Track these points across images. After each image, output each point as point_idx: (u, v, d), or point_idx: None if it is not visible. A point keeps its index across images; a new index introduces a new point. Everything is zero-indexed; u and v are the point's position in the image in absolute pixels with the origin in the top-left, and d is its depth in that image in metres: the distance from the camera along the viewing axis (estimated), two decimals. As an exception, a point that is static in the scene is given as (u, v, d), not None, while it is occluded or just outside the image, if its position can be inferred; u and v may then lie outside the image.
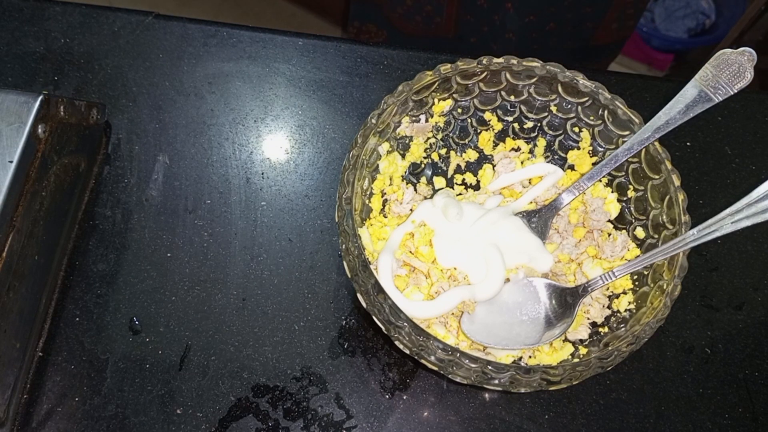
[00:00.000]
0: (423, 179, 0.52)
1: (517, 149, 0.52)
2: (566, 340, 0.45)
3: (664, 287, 0.41)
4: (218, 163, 0.54)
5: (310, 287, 0.50)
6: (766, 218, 0.38)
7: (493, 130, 0.51)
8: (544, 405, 0.47)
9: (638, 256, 0.45)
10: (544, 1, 0.80)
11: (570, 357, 0.44)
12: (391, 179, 0.49)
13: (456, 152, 0.52)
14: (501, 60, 0.47)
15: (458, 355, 0.37)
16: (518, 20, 0.82)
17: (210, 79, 0.58)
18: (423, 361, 0.39)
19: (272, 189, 0.54)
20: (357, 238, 0.40)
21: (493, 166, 0.52)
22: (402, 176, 0.50)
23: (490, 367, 0.37)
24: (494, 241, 0.46)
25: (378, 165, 0.48)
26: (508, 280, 0.46)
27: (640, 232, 0.47)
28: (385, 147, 0.48)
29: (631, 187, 0.48)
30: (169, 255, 0.50)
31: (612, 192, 0.49)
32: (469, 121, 0.51)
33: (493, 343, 0.43)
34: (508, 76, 0.48)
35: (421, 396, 0.47)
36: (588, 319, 0.46)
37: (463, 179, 0.52)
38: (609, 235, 0.49)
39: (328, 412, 0.46)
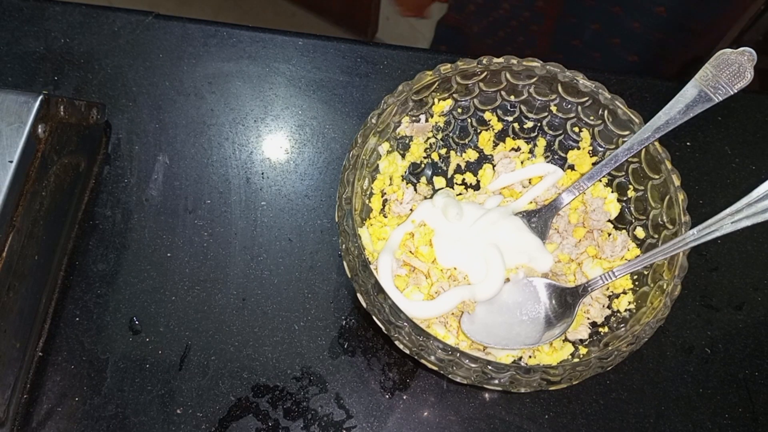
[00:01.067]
0: (423, 179, 0.52)
1: (517, 149, 0.52)
2: (566, 340, 0.45)
3: (664, 287, 0.41)
4: (218, 163, 0.54)
5: (310, 287, 0.50)
6: (766, 218, 0.38)
7: (493, 130, 0.51)
8: (544, 405, 0.47)
9: (638, 256, 0.45)
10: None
11: (570, 357, 0.44)
12: (391, 179, 0.49)
13: (456, 152, 0.52)
14: (501, 60, 0.47)
15: (458, 354, 0.37)
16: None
17: (210, 78, 0.58)
18: (423, 361, 0.39)
19: (272, 189, 0.54)
20: (357, 238, 0.40)
21: (493, 166, 0.52)
22: (402, 176, 0.50)
23: (490, 367, 0.37)
24: (494, 241, 0.46)
25: (378, 165, 0.48)
26: (508, 280, 0.46)
27: (640, 232, 0.47)
28: (385, 147, 0.48)
29: (631, 187, 0.48)
30: (169, 255, 0.50)
31: (612, 192, 0.49)
32: (469, 121, 0.51)
33: (493, 343, 0.43)
34: (508, 76, 0.48)
35: (421, 396, 0.47)
36: (588, 319, 0.46)
37: (463, 179, 0.52)
38: (609, 235, 0.49)
39: (328, 412, 0.46)
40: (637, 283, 0.45)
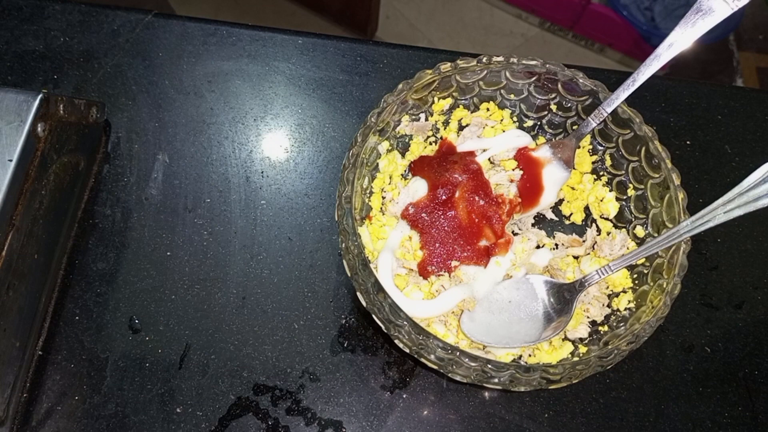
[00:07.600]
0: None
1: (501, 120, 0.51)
2: (566, 338, 0.45)
3: (664, 286, 0.41)
4: (218, 162, 0.54)
5: (310, 286, 0.50)
6: (757, 207, 0.38)
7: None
8: (544, 403, 0.47)
9: (634, 249, 0.45)
10: None
11: (570, 356, 0.44)
12: (390, 178, 0.49)
13: (456, 151, 0.52)
14: (501, 59, 0.46)
15: (458, 353, 0.37)
16: None
17: (209, 77, 0.58)
18: (423, 359, 0.39)
19: (272, 188, 0.54)
20: (356, 236, 0.40)
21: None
22: (402, 175, 0.50)
23: (489, 366, 0.37)
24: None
25: (378, 163, 0.48)
26: (509, 276, 0.46)
27: (639, 231, 0.47)
28: (384, 146, 0.48)
29: (631, 185, 0.48)
30: (168, 254, 0.50)
31: (611, 191, 0.49)
32: (468, 119, 0.51)
33: (492, 341, 0.43)
34: (507, 74, 0.48)
35: (421, 395, 0.47)
36: (588, 317, 0.46)
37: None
38: (608, 233, 0.49)
39: (328, 411, 0.46)
40: (636, 281, 0.45)
